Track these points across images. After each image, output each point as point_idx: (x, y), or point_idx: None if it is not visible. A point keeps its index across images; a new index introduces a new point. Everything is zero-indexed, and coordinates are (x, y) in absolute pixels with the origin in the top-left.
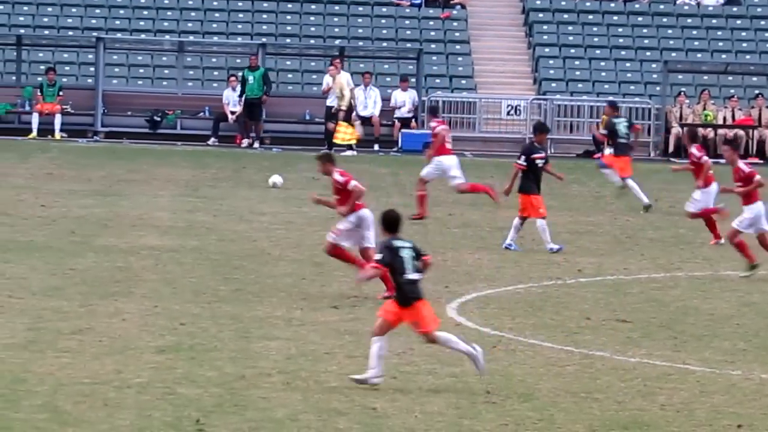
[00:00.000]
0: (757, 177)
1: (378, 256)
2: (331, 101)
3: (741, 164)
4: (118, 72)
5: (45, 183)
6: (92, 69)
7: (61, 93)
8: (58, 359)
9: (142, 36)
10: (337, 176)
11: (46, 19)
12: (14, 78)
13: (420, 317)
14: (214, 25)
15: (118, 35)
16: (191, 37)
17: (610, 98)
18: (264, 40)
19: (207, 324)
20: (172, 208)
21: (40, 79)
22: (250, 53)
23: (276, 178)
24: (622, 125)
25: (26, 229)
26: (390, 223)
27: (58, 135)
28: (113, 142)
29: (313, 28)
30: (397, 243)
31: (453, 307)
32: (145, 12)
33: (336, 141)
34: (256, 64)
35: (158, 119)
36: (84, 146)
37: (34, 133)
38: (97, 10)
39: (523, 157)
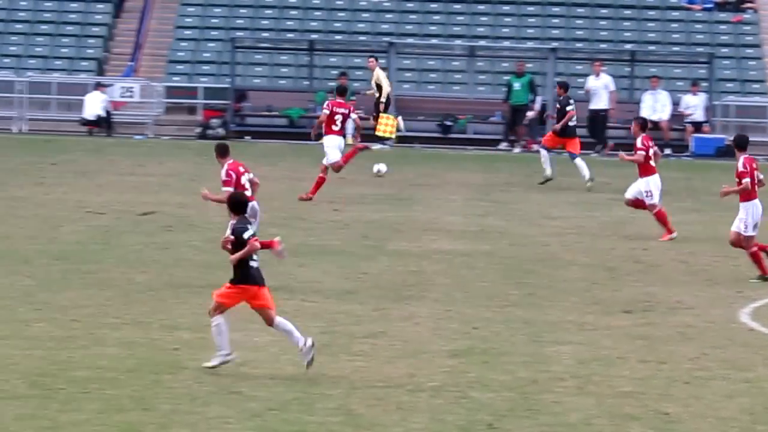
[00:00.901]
0: (746, 180)
1: (248, 232)
2: (593, 104)
3: (739, 162)
4: (409, 77)
5: (338, 187)
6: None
7: (353, 98)
8: (351, 362)
9: (434, 41)
10: (222, 172)
11: (338, 25)
12: (307, 83)
13: (261, 301)
14: (505, 30)
15: (410, 40)
16: (482, 42)
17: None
18: (555, 44)
19: (499, 328)
20: (464, 212)
21: (332, 84)
22: (541, 57)
23: (381, 166)
24: (570, 107)
25: (320, 233)
26: (237, 205)
27: (350, 139)
28: (405, 147)
29: (604, 33)
30: (247, 225)
31: (746, 312)
32: (437, 17)
33: (378, 133)
34: (522, 70)
35: (449, 124)
36: (376, 151)
37: None
38: (389, 15)
39: None
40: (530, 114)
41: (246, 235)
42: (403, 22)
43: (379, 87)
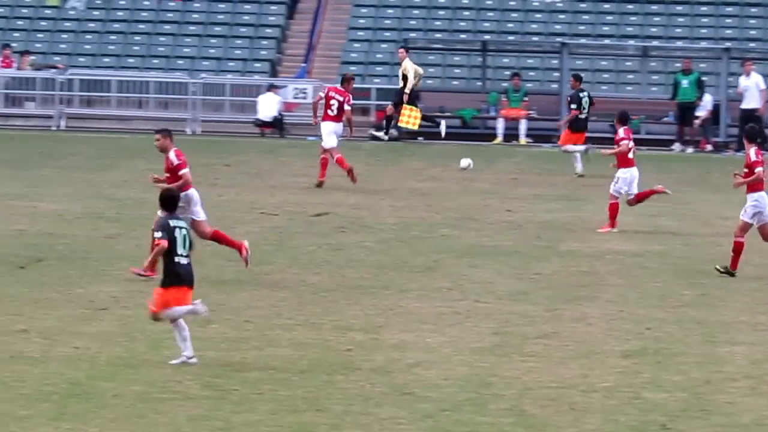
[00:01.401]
0: (758, 169)
1: (158, 234)
2: (745, 104)
3: (751, 151)
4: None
5: (510, 188)
6: (556, 74)
7: (526, 98)
8: (524, 363)
9: (606, 41)
10: (172, 156)
11: (511, 25)
12: (480, 84)
13: (161, 297)
14: (678, 30)
15: (582, 40)
16: (655, 42)
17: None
18: (728, 44)
19: (672, 328)
20: (636, 212)
21: (505, 84)
22: (714, 57)
23: (465, 162)
24: (584, 100)
25: (492, 233)
26: (166, 201)
27: (523, 140)
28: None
29: None
30: (173, 222)
31: None
32: (609, 17)
33: (400, 124)
34: (689, 68)
35: None
36: (548, 151)
37: (500, 139)
38: (562, 16)
39: None
40: (702, 114)
41: (158, 234)
42: (576, 23)
43: (405, 78)
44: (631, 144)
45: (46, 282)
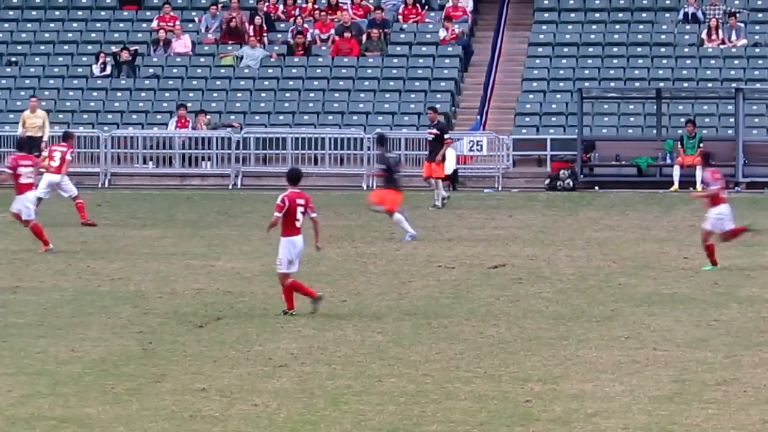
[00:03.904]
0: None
1: None
2: None
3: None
4: (757, 122)
5: (687, 235)
6: (731, 120)
7: (701, 145)
8: (704, 410)
9: None
10: None
11: (685, 72)
12: (654, 131)
13: None
14: None
15: (758, 85)
16: None
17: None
18: None
19: None
20: None
21: (680, 131)
22: None
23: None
24: (448, 135)
25: (669, 281)
26: None
27: (699, 187)
28: (754, 193)
29: None
30: None
31: None
32: None
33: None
34: None
35: None
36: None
37: (676, 186)
38: (736, 61)
39: None
40: None
41: None
42: (751, 68)
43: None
44: None
45: (224, 340)
